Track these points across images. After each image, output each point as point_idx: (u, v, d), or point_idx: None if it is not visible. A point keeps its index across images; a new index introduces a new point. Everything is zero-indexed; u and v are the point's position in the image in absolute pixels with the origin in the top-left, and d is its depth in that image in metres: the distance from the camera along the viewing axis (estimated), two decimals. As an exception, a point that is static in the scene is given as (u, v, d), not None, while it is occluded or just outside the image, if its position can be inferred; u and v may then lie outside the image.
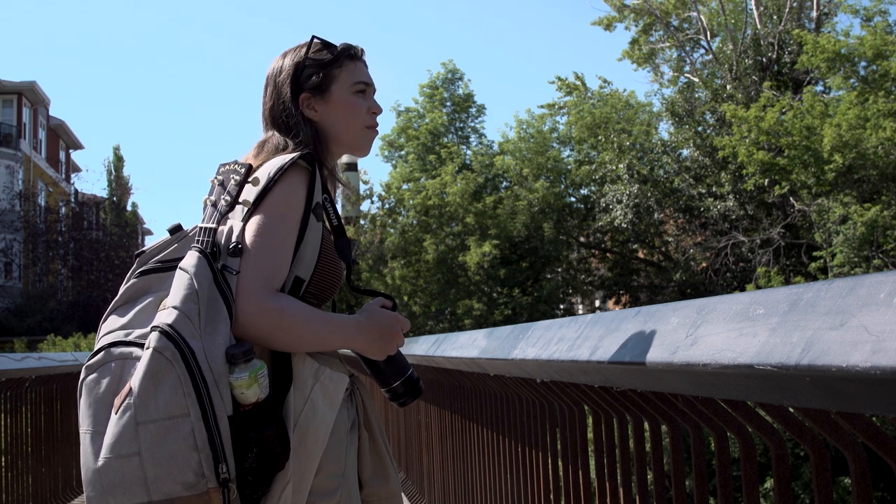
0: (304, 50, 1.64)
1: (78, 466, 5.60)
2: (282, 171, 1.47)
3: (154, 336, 1.33)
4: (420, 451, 4.81)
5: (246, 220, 1.46)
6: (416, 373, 1.64)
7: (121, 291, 1.48)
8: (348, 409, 1.56)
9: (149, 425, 1.29)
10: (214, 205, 1.48)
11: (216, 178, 1.52)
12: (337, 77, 1.63)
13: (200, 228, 1.46)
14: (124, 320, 1.43)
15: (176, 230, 1.51)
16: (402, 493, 1.70)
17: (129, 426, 1.29)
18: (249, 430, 1.36)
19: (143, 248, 1.52)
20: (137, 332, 1.39)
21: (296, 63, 1.63)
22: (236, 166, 1.52)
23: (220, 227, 1.46)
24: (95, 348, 1.41)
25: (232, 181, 1.49)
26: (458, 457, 3.78)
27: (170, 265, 1.46)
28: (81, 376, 1.39)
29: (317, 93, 1.63)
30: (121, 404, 1.31)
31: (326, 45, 1.65)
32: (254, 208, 1.46)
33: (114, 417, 1.31)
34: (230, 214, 1.48)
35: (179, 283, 1.38)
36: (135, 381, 1.31)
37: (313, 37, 1.65)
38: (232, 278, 1.41)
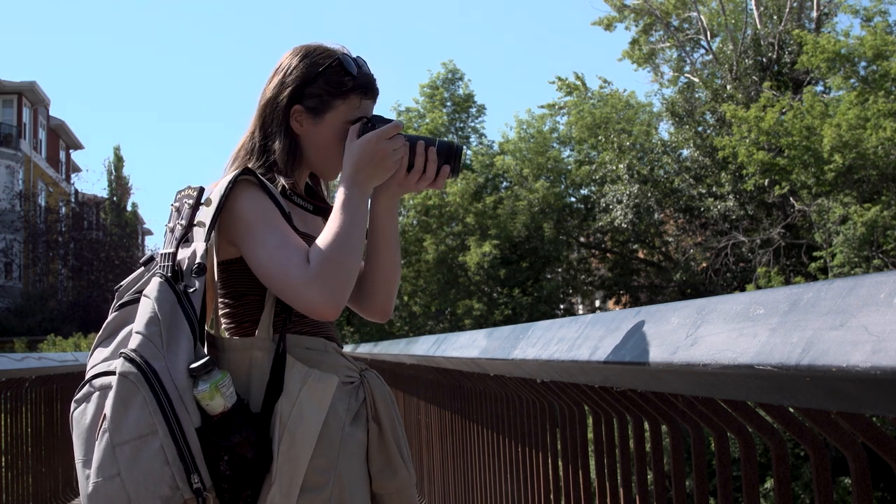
0: (322, 63, 1.61)
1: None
2: (229, 190, 1.50)
3: (119, 362, 1.40)
4: (420, 450, 4.81)
5: (207, 239, 1.49)
6: (444, 140, 1.61)
7: (104, 326, 1.55)
8: (349, 403, 1.56)
9: (123, 446, 1.36)
10: (172, 231, 1.53)
11: (173, 204, 1.56)
12: (336, 108, 1.61)
13: (161, 255, 1.52)
14: (107, 352, 1.50)
15: (149, 261, 1.58)
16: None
17: (107, 449, 1.37)
18: (217, 439, 1.40)
19: (121, 283, 1.59)
20: (117, 362, 1.45)
21: (306, 73, 1.60)
22: (189, 191, 1.55)
23: (183, 251, 1.50)
24: (82, 383, 1.48)
25: (186, 206, 1.53)
26: (458, 457, 3.79)
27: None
28: (71, 410, 1.48)
29: (310, 113, 1.61)
30: (99, 430, 1.39)
31: (346, 71, 1.61)
32: (211, 229, 1.49)
33: (96, 444, 1.39)
34: (191, 236, 1.52)
35: (143, 309, 1.45)
36: (107, 406, 1.39)
37: (338, 58, 1.61)
38: (196, 297, 1.46)
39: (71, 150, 33.69)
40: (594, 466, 2.05)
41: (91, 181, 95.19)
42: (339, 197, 1.54)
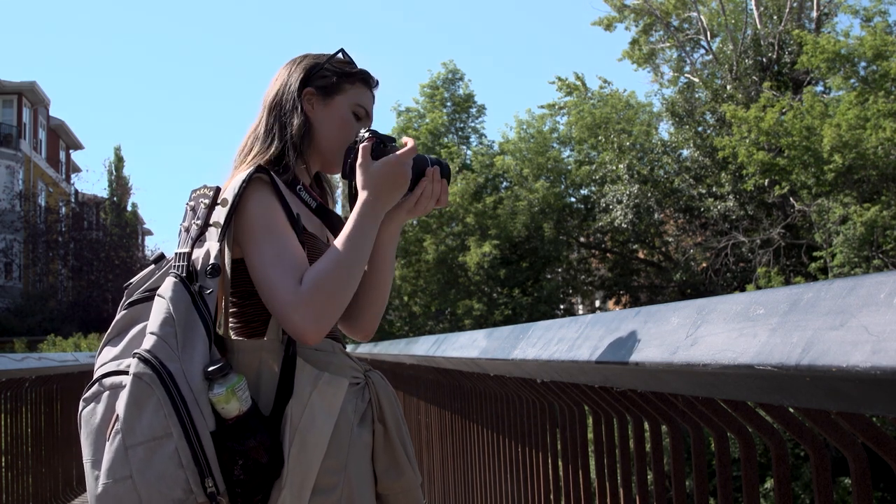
0: (325, 56, 1.71)
1: (78, 466, 5.60)
2: (243, 190, 1.50)
3: (133, 362, 1.39)
4: (420, 451, 4.81)
5: (221, 239, 1.49)
6: (432, 157, 1.64)
7: (112, 324, 1.54)
8: (356, 403, 1.57)
9: (136, 448, 1.35)
10: (187, 230, 1.52)
11: (189, 203, 1.55)
12: (345, 91, 1.68)
13: (176, 254, 1.51)
14: (116, 351, 1.49)
15: (159, 259, 1.57)
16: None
17: (119, 451, 1.35)
18: (232, 443, 1.39)
19: (130, 281, 1.58)
20: (127, 361, 1.44)
21: (314, 63, 1.69)
22: (206, 190, 1.55)
23: (197, 250, 1.50)
24: (91, 381, 1.47)
25: (202, 205, 1.52)
26: (458, 457, 3.79)
27: (156, 294, 1.50)
28: (79, 409, 1.45)
29: (321, 93, 1.67)
30: (111, 431, 1.38)
31: (350, 61, 1.71)
32: (226, 229, 1.49)
33: (107, 444, 1.38)
34: (205, 236, 1.52)
35: (157, 309, 1.44)
36: (119, 407, 1.37)
37: (341, 49, 1.71)
38: (210, 298, 1.45)
39: (71, 150, 33.68)
40: (594, 466, 2.05)
41: (91, 181, 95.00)
42: (350, 221, 1.53)
